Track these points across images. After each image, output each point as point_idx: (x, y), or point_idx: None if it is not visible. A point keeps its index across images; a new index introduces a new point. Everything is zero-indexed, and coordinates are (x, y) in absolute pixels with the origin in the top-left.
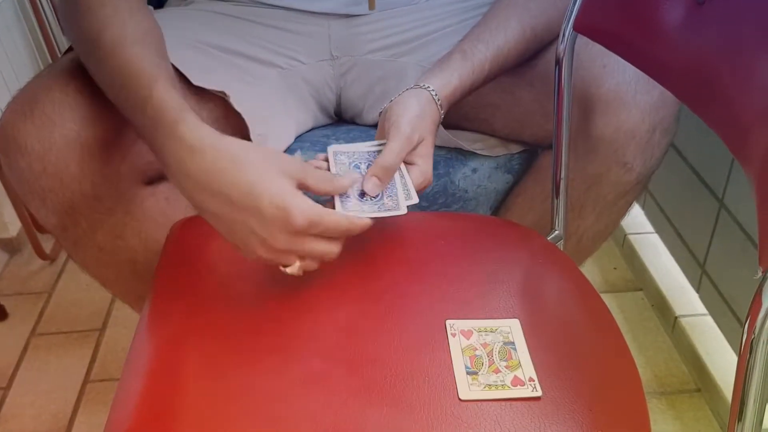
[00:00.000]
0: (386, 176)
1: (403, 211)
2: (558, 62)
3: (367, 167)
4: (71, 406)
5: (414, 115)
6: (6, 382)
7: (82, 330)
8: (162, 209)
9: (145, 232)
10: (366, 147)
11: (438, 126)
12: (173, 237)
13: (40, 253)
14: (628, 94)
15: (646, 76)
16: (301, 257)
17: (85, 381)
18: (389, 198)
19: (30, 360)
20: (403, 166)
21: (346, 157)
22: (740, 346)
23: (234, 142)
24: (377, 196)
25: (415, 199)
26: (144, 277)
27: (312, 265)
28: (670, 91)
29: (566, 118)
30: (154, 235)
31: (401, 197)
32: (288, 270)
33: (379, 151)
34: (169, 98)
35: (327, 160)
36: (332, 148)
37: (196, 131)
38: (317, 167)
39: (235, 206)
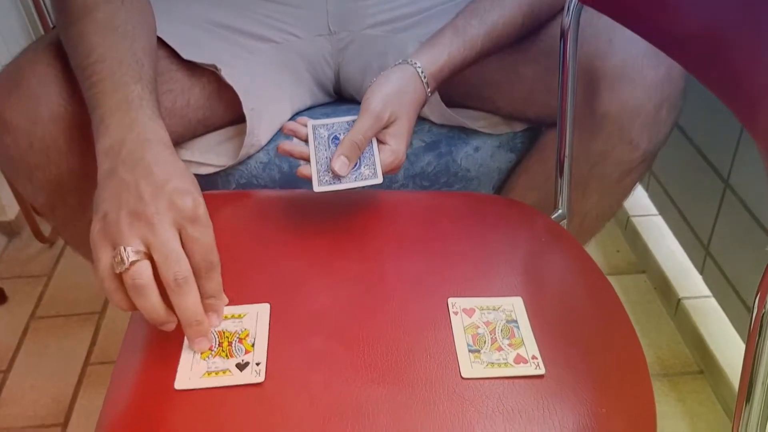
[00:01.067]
0: (354, 154)
1: (380, 179)
2: (563, 36)
3: None
4: (72, 388)
5: (390, 91)
6: (6, 365)
7: (81, 313)
8: None
9: None
10: (345, 120)
11: (422, 105)
12: None
13: (38, 236)
14: (634, 70)
15: (652, 52)
16: (148, 242)
17: (86, 364)
18: (366, 167)
19: (30, 343)
20: (374, 141)
21: (325, 129)
22: (750, 323)
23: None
24: (354, 165)
25: (380, 179)
26: None
27: (142, 271)
28: (678, 62)
29: (571, 94)
30: None
31: (378, 166)
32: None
33: None
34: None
35: (305, 125)
36: (311, 123)
37: (154, 119)
38: (294, 129)
39: (140, 173)
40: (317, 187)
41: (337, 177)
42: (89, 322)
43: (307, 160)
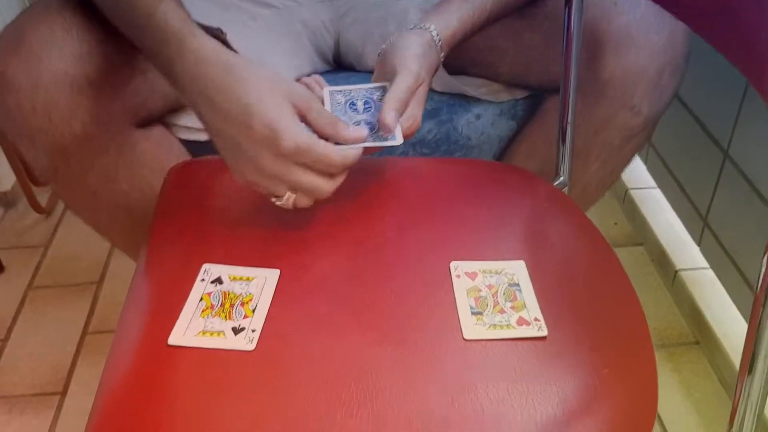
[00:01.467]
0: (401, 109)
1: (400, 140)
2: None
3: (364, 104)
4: (70, 357)
5: (419, 53)
6: (4, 334)
7: (79, 283)
8: (155, 154)
9: (139, 177)
10: (363, 87)
11: (435, 71)
12: (170, 182)
13: (35, 206)
14: (638, 33)
15: (656, 15)
16: (291, 188)
17: (84, 333)
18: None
19: (27, 313)
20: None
21: (342, 95)
22: (757, 281)
23: (244, 60)
24: (374, 128)
25: (400, 140)
26: (139, 223)
27: (303, 200)
28: (684, 22)
29: (574, 60)
30: (147, 180)
31: (397, 128)
32: (278, 202)
33: (377, 90)
34: (174, 11)
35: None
36: (328, 88)
37: (205, 42)
38: (308, 83)
39: (231, 122)
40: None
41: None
42: (87, 292)
43: None
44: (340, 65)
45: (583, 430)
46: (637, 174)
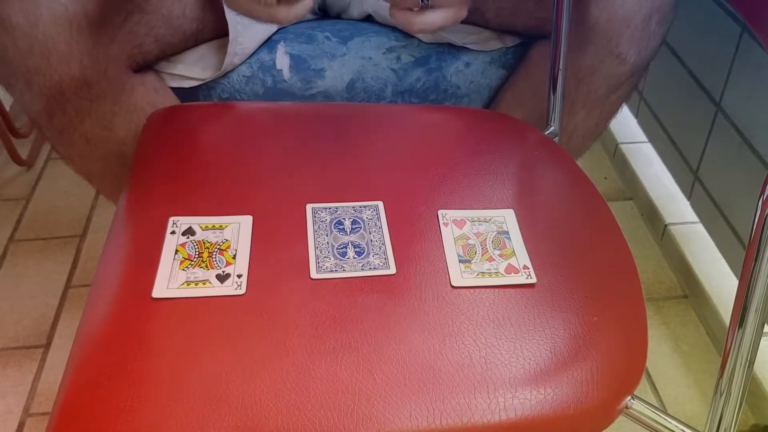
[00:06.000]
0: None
1: (393, 270)
2: None
3: (352, 224)
4: (53, 311)
5: None
6: None
7: (61, 236)
8: (151, 100)
9: (135, 124)
10: (351, 204)
11: None
12: (151, 126)
13: (16, 158)
14: None
15: None
16: None
17: (67, 286)
18: (375, 256)
19: (9, 266)
20: (386, 231)
21: (327, 213)
22: (750, 232)
23: None
24: (361, 253)
25: (392, 270)
26: None
27: None
28: None
29: (567, 4)
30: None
31: (390, 255)
32: None
33: (367, 208)
34: None
35: None
36: (311, 205)
37: None
38: None
39: None
40: (315, 275)
41: (340, 264)
42: (70, 245)
43: None
44: (326, 14)
45: (572, 377)
46: (628, 128)
